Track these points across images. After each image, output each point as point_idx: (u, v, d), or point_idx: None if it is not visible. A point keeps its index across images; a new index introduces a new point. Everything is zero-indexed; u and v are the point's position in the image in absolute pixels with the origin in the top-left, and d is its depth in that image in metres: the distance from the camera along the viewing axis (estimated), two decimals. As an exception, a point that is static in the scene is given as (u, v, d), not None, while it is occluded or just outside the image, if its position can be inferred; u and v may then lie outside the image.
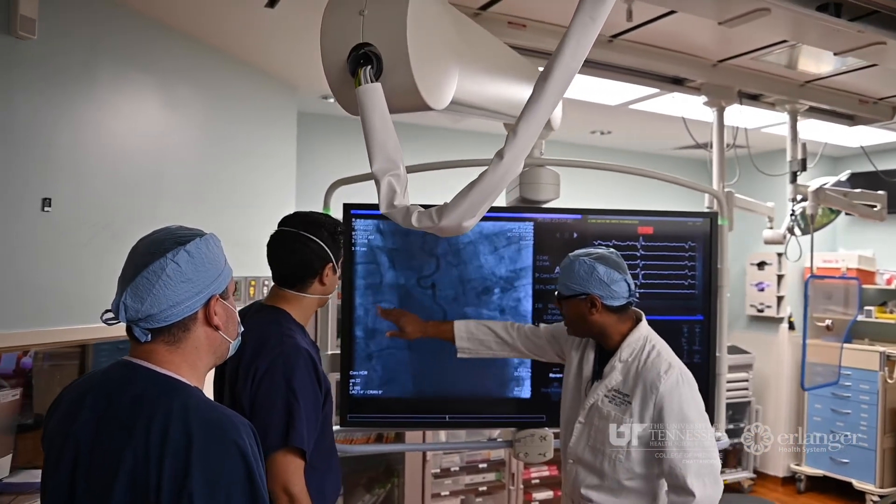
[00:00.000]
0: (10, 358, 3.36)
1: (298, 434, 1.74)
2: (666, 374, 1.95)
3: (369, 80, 1.47)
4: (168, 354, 1.27)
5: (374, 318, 2.55)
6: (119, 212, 2.79)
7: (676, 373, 1.96)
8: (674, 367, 1.98)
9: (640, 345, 2.04)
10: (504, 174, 1.37)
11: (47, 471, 1.28)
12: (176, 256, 1.25)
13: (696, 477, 1.87)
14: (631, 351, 2.03)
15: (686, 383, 1.97)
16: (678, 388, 1.94)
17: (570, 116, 4.61)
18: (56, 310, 2.56)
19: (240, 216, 3.45)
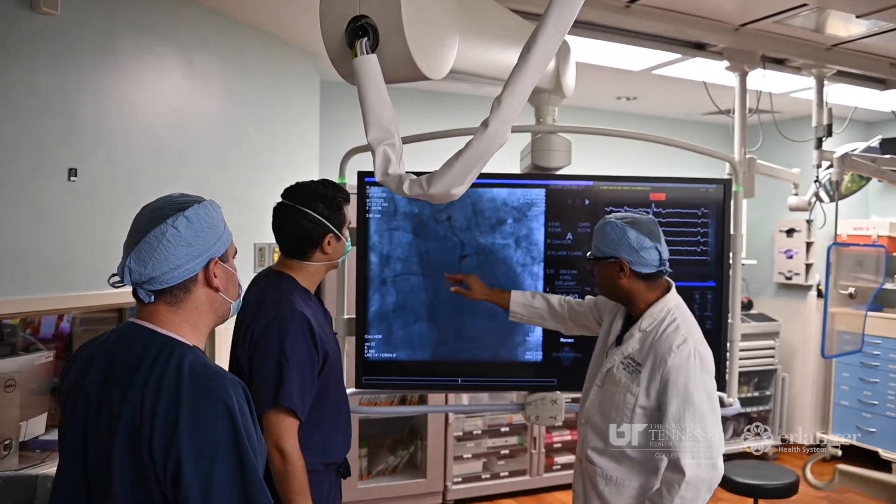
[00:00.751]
0: (50, 322, 3.52)
1: (288, 393, 1.82)
2: (678, 349, 1.94)
3: (365, 52, 1.51)
4: (170, 315, 1.34)
5: (388, 280, 2.62)
6: (142, 180, 2.88)
7: (689, 349, 1.94)
8: (689, 342, 1.95)
9: (661, 315, 2.03)
10: (490, 142, 1.40)
11: (63, 425, 1.37)
12: (175, 222, 1.32)
13: (691, 457, 1.86)
14: (652, 321, 2.03)
15: (698, 362, 1.93)
16: (687, 364, 1.92)
17: (595, 82, 4.61)
18: (88, 276, 2.66)
19: (263, 184, 3.52)
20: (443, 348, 2.66)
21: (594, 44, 3.40)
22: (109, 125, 2.75)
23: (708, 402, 1.92)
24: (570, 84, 2.70)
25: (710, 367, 1.95)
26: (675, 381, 1.91)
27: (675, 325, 1.98)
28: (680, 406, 1.90)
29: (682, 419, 1.88)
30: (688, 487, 1.86)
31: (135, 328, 1.35)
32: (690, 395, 1.90)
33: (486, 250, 2.63)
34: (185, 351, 1.31)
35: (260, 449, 1.33)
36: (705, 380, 1.93)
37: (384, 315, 2.64)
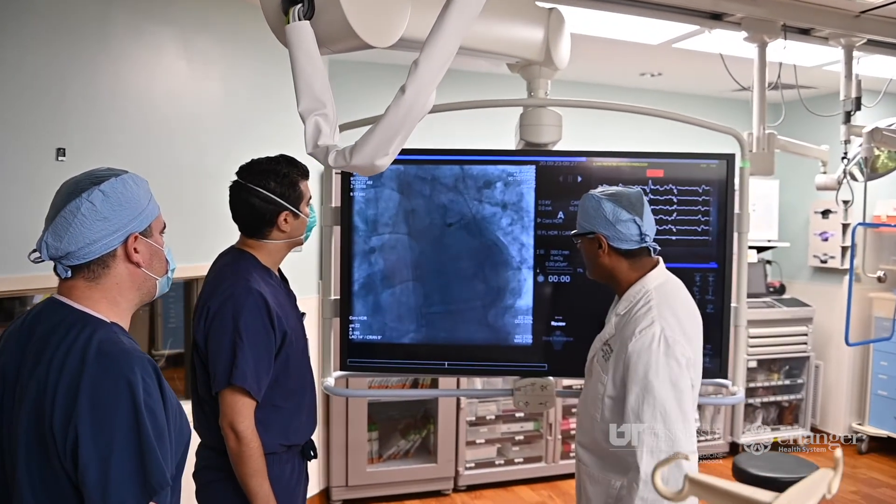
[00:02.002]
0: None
1: (241, 373, 1.77)
2: (640, 333, 1.77)
3: (298, 19, 1.44)
4: (87, 290, 1.31)
5: (375, 261, 2.56)
6: (136, 161, 2.86)
7: (653, 332, 1.76)
8: (655, 325, 1.77)
9: (637, 297, 1.88)
10: (409, 110, 1.31)
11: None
12: (90, 196, 1.28)
13: (649, 453, 1.68)
14: (627, 303, 1.89)
15: (662, 347, 1.74)
16: (649, 349, 1.74)
17: (615, 58, 4.44)
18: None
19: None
20: (429, 331, 2.58)
21: (609, 16, 3.26)
22: (100, 105, 2.74)
23: (672, 393, 1.72)
24: (564, 56, 2.58)
25: (678, 353, 1.75)
26: (635, 369, 1.74)
27: (648, 307, 1.82)
28: (639, 396, 1.73)
29: (641, 411, 1.71)
30: (646, 487, 1.68)
31: (53, 303, 1.33)
32: (650, 384, 1.72)
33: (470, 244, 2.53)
34: (96, 327, 1.27)
35: (176, 427, 1.30)
36: (671, 367, 1.73)
37: (371, 285, 2.56)
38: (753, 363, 4.85)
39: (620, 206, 1.88)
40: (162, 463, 1.18)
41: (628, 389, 1.76)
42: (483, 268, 2.56)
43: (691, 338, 1.87)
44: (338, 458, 4.10)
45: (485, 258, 2.54)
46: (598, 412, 1.89)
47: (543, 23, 2.44)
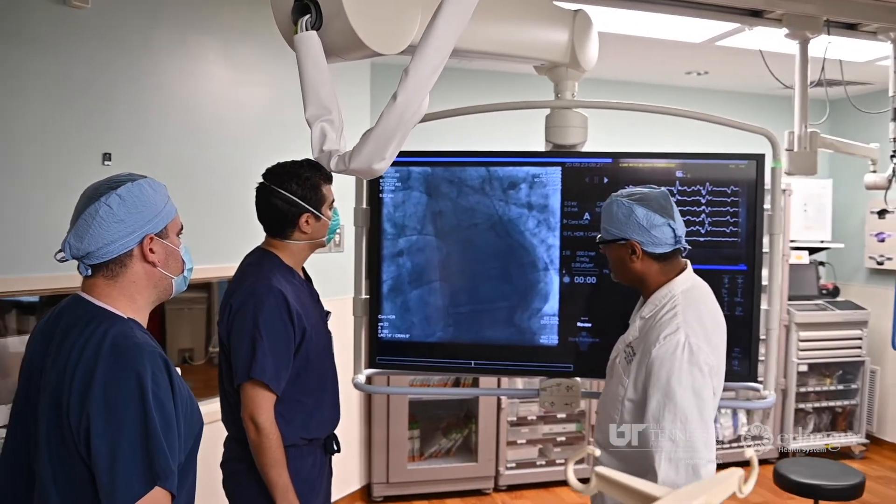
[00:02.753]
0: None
1: (260, 367, 1.85)
2: (665, 339, 1.75)
3: (306, 29, 1.50)
4: (107, 288, 1.40)
5: (403, 263, 2.61)
6: (178, 165, 3.00)
7: (678, 339, 1.74)
8: (680, 332, 1.75)
9: (663, 302, 1.86)
10: (401, 115, 1.35)
11: (17, 391, 1.45)
12: (108, 199, 1.37)
13: (668, 461, 1.67)
14: (653, 307, 1.88)
15: (686, 354, 1.72)
16: (672, 357, 1.72)
17: (658, 57, 4.39)
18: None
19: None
20: (456, 330, 2.62)
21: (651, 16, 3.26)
22: (145, 112, 2.87)
23: (694, 401, 1.70)
24: (590, 57, 2.58)
25: (701, 361, 1.73)
26: (658, 375, 1.73)
27: (673, 313, 1.80)
28: (660, 402, 1.71)
29: (662, 417, 1.70)
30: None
31: (75, 300, 1.42)
32: (672, 391, 1.70)
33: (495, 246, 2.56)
34: (113, 322, 1.35)
35: (186, 417, 1.37)
36: (694, 375, 1.71)
37: (399, 285, 2.62)
38: (804, 367, 4.72)
39: (652, 210, 1.85)
40: (166, 451, 1.25)
41: (650, 395, 1.75)
42: (509, 268, 2.58)
43: (715, 345, 1.84)
44: (379, 455, 4.18)
45: (511, 259, 2.56)
46: (616, 414, 1.89)
47: (568, 25, 2.45)
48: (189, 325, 4.57)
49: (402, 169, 2.62)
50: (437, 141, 3.17)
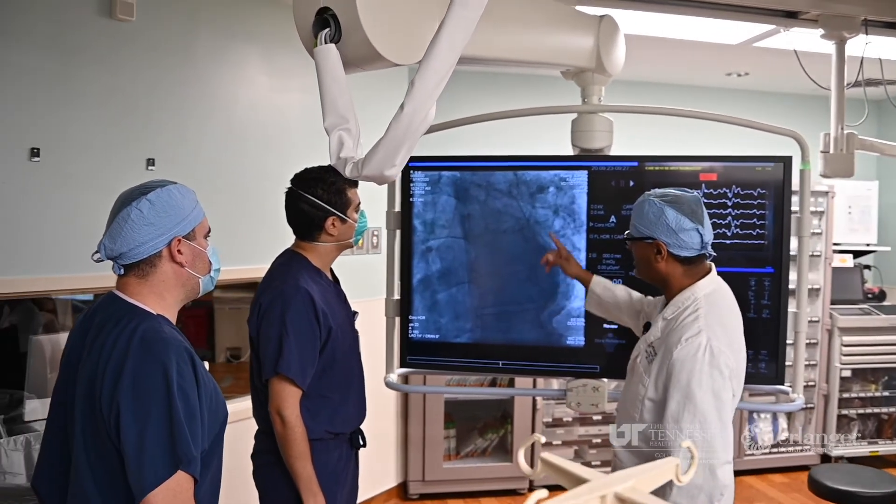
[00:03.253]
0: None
1: (286, 363, 1.93)
2: (686, 341, 1.78)
3: (325, 42, 1.58)
4: (138, 286, 1.50)
5: (433, 265, 2.68)
6: (220, 169, 3.12)
7: (700, 342, 1.77)
8: (702, 335, 1.78)
9: (686, 304, 1.89)
10: (409, 125, 1.42)
11: (56, 382, 1.57)
12: (139, 204, 1.47)
13: (685, 460, 1.72)
14: (675, 309, 1.90)
15: (707, 357, 1.75)
16: (693, 359, 1.75)
17: (697, 59, 4.37)
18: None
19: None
20: (484, 331, 2.68)
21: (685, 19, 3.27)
22: (187, 118, 3.00)
23: (713, 403, 1.74)
24: (616, 62, 2.61)
25: (722, 364, 1.76)
26: (678, 376, 1.76)
27: (695, 316, 1.83)
28: (680, 403, 1.75)
29: (681, 418, 1.74)
30: (680, 493, 1.70)
31: (110, 297, 1.53)
32: (692, 392, 1.74)
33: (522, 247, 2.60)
34: (143, 318, 1.45)
35: (211, 407, 1.46)
36: (714, 378, 1.75)
37: (429, 286, 2.70)
38: (847, 372, 4.63)
39: (683, 213, 1.87)
40: (188, 438, 1.34)
41: (669, 395, 1.78)
42: (536, 270, 2.62)
43: (736, 348, 1.87)
44: (415, 453, 4.25)
45: (538, 261, 2.60)
46: (637, 412, 1.92)
47: (593, 31, 2.49)
48: (236, 325, 4.72)
49: (432, 173, 2.69)
50: (465, 144, 3.24)
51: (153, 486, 1.31)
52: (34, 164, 2.50)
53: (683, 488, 1.68)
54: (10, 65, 2.46)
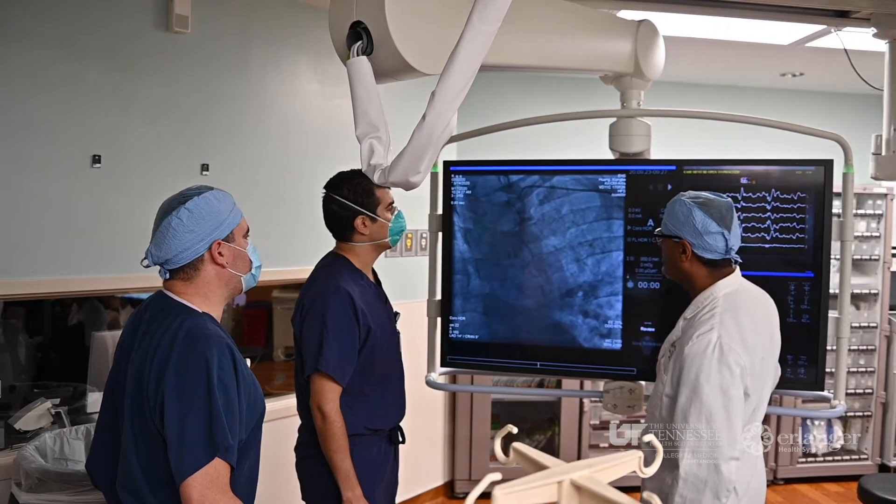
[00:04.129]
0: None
1: (326, 360, 2.03)
2: (697, 338, 1.84)
3: (357, 55, 1.66)
4: (184, 287, 1.61)
5: (473, 266, 2.75)
6: (273, 175, 3.25)
7: (710, 339, 1.82)
8: (713, 332, 1.83)
9: (704, 304, 1.94)
10: (430, 133, 1.48)
11: (110, 372, 1.69)
12: (179, 213, 1.57)
13: (690, 453, 1.77)
14: (695, 309, 1.96)
15: (717, 353, 1.81)
16: (702, 356, 1.81)
17: (750, 60, 4.31)
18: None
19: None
20: (523, 332, 2.72)
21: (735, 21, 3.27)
22: (240, 125, 3.14)
23: (721, 400, 1.78)
24: (656, 66, 2.62)
25: (731, 361, 1.80)
26: (688, 372, 1.82)
27: (711, 314, 1.88)
28: (688, 398, 1.81)
29: (688, 412, 1.79)
30: (685, 485, 1.77)
31: (160, 295, 1.64)
32: (700, 388, 1.79)
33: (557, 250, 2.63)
34: (189, 315, 1.56)
35: (249, 400, 1.56)
36: (722, 374, 1.79)
37: (469, 288, 2.76)
38: (906, 381, 4.50)
39: (711, 216, 1.91)
40: (226, 427, 1.44)
41: (679, 390, 1.84)
42: (574, 273, 2.66)
43: (751, 347, 1.89)
44: (462, 452, 4.32)
45: (573, 260, 2.63)
46: (658, 410, 1.98)
47: (631, 36, 2.51)
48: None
49: (472, 177, 2.75)
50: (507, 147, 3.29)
51: (192, 471, 1.41)
52: (95, 170, 2.66)
53: (687, 481, 1.76)
54: (73, 78, 2.62)
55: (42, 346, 3.60)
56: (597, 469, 0.73)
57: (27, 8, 2.50)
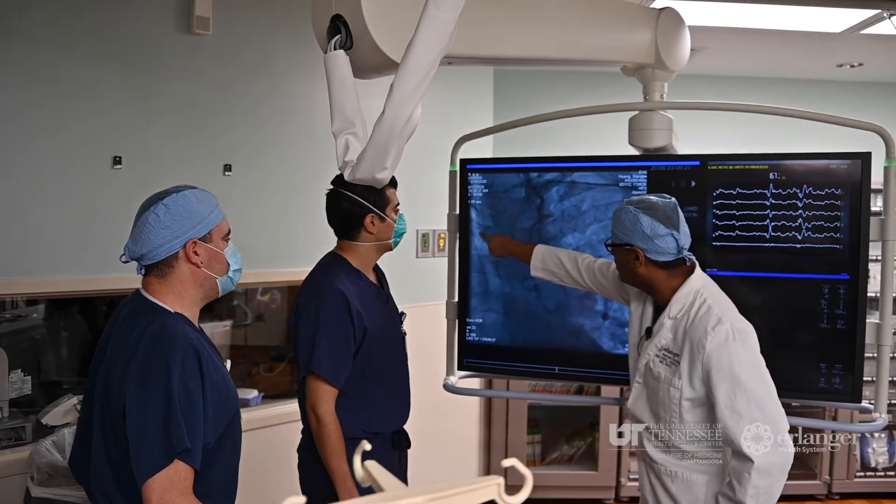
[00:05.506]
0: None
1: (318, 362, 1.98)
2: (713, 330, 1.81)
3: (335, 49, 1.61)
4: (158, 285, 1.59)
5: (490, 268, 2.67)
6: (297, 175, 3.24)
7: (726, 328, 1.81)
8: (724, 321, 1.82)
9: (689, 300, 1.91)
10: (391, 128, 1.42)
11: (89, 371, 1.69)
12: (156, 209, 1.56)
13: (755, 441, 1.74)
14: (680, 307, 1.91)
15: (738, 339, 1.80)
16: (727, 344, 1.79)
17: (803, 50, 4.07)
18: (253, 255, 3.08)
19: (428, 173, 3.71)
20: (542, 336, 2.64)
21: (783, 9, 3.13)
22: (263, 126, 3.14)
23: (759, 379, 1.79)
24: (678, 56, 2.49)
25: (751, 341, 1.82)
26: (719, 366, 1.78)
27: (707, 307, 1.86)
28: (729, 391, 1.77)
29: (735, 404, 1.77)
30: (759, 475, 1.73)
31: (135, 295, 1.64)
32: (737, 376, 1.77)
33: (579, 237, 2.54)
34: (159, 316, 1.54)
35: (218, 402, 1.53)
36: (750, 356, 1.80)
37: (486, 290, 2.70)
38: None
39: (657, 220, 1.89)
40: (183, 428, 1.41)
41: (715, 387, 1.80)
42: (594, 274, 2.55)
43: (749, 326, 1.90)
44: (497, 457, 4.23)
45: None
46: (673, 415, 1.92)
47: (651, 25, 2.40)
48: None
49: (489, 175, 2.68)
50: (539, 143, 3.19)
51: (150, 473, 1.39)
52: (116, 171, 2.70)
53: (761, 469, 1.74)
54: (94, 80, 2.66)
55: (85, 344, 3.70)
56: (437, 497, 0.64)
57: (50, 12, 2.56)
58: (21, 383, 2.71)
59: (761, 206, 2.35)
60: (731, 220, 2.38)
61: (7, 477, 2.45)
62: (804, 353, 2.32)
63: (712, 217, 2.39)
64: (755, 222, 2.35)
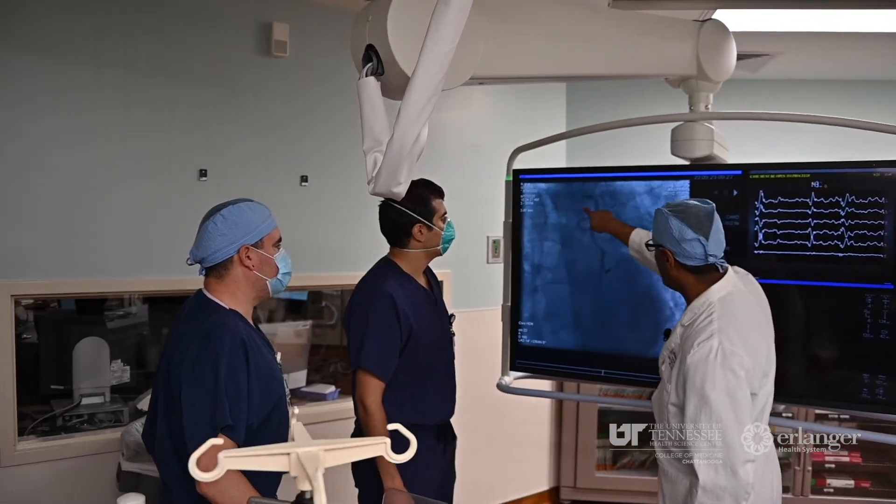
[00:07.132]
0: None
1: (366, 357, 2.19)
2: (699, 345, 1.84)
3: (367, 75, 1.80)
4: (216, 285, 1.84)
5: (542, 273, 2.80)
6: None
7: (711, 345, 1.82)
8: (714, 338, 1.83)
9: (701, 310, 1.95)
10: (401, 146, 1.57)
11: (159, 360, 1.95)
12: (214, 219, 1.81)
13: (706, 460, 1.77)
14: (692, 315, 1.97)
15: (719, 359, 1.80)
16: (705, 363, 1.81)
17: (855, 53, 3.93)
18: (316, 264, 3.34)
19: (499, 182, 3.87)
20: (590, 339, 2.74)
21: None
22: (337, 139, 3.38)
23: (729, 404, 1.78)
24: (721, 67, 2.53)
25: (735, 365, 1.80)
26: (693, 380, 1.82)
27: (709, 319, 1.88)
28: (696, 406, 1.80)
29: (698, 420, 1.79)
30: (705, 494, 1.77)
31: (197, 293, 1.88)
32: (707, 395, 1.79)
33: (627, 258, 2.61)
34: (216, 312, 1.78)
35: (263, 389, 1.75)
36: (727, 379, 1.79)
37: (537, 293, 2.83)
38: None
39: (687, 224, 1.93)
40: (227, 407, 1.63)
41: (686, 399, 1.84)
42: (639, 281, 2.63)
43: (752, 346, 1.89)
44: (567, 459, 4.32)
45: (640, 272, 2.61)
46: (664, 418, 2.01)
47: (692, 37, 2.46)
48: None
49: (540, 185, 2.81)
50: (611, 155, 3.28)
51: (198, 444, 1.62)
52: (202, 182, 3.01)
53: (707, 489, 1.77)
54: (182, 100, 2.97)
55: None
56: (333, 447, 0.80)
57: (144, 40, 2.87)
58: (121, 372, 3.05)
59: (803, 214, 2.36)
60: (773, 229, 2.40)
61: (106, 453, 2.78)
62: (847, 362, 2.32)
63: (754, 226, 2.42)
64: (797, 231, 2.37)
